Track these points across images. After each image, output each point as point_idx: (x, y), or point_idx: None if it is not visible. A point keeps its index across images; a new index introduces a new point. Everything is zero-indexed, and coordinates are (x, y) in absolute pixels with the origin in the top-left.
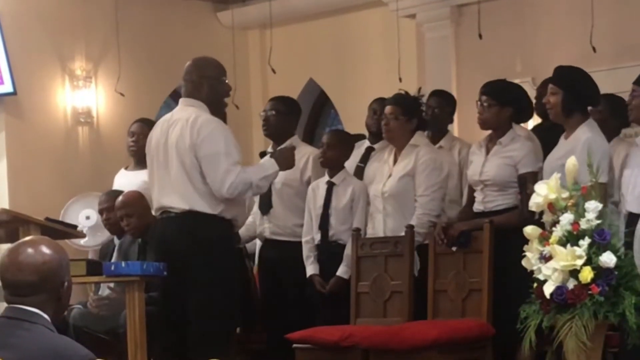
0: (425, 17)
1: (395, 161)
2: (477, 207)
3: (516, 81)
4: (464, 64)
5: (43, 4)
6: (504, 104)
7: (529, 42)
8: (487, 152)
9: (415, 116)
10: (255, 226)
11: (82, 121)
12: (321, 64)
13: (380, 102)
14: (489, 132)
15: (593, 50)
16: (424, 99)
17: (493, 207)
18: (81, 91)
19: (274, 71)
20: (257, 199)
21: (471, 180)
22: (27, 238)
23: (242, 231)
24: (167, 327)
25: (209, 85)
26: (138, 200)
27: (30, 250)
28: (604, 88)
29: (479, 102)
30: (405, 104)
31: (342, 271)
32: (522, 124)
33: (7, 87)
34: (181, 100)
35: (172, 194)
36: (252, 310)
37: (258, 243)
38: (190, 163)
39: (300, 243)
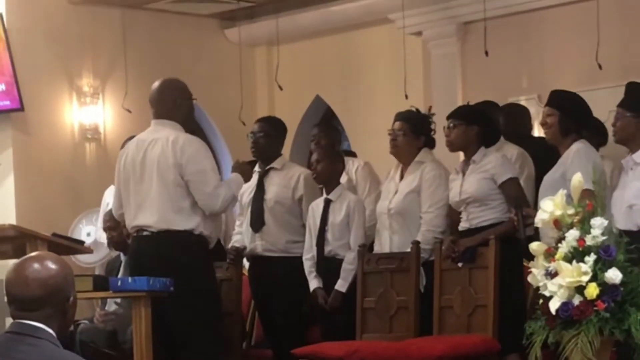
0: (431, 35)
1: (401, 178)
2: (463, 225)
3: (522, 98)
4: (470, 81)
5: (50, 20)
6: (469, 123)
7: (535, 59)
8: (464, 174)
9: (424, 134)
10: (244, 244)
11: (89, 137)
12: (328, 80)
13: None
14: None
15: (599, 67)
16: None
17: (478, 223)
18: (88, 107)
19: (281, 88)
20: (246, 217)
21: (452, 203)
22: (33, 253)
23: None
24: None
25: (187, 106)
26: None
27: (36, 265)
28: (610, 105)
29: (444, 127)
30: (415, 120)
31: (340, 285)
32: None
33: (15, 104)
34: (154, 122)
35: (149, 212)
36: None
37: (245, 262)
38: (174, 180)
39: (292, 259)
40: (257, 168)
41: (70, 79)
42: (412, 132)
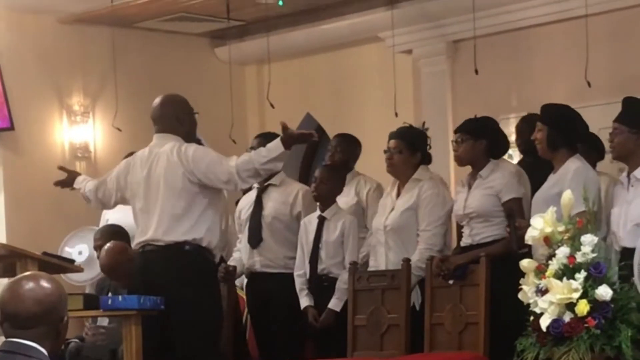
0: (421, 53)
1: (398, 195)
2: (465, 240)
3: (512, 116)
4: (460, 98)
5: (41, 39)
6: (477, 137)
7: (524, 77)
8: (470, 188)
9: (419, 150)
10: (242, 263)
11: (79, 156)
12: (318, 98)
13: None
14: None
15: (588, 85)
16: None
17: (480, 239)
18: (79, 126)
19: (272, 106)
20: (244, 234)
21: (456, 217)
22: (27, 273)
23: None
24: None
25: (190, 121)
26: (119, 260)
27: (31, 283)
28: (599, 122)
29: (453, 142)
30: (410, 137)
31: (333, 304)
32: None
33: (5, 123)
34: (156, 136)
35: (155, 226)
36: (243, 342)
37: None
38: (182, 187)
39: (290, 275)
40: (255, 184)
41: (61, 98)
42: (409, 149)
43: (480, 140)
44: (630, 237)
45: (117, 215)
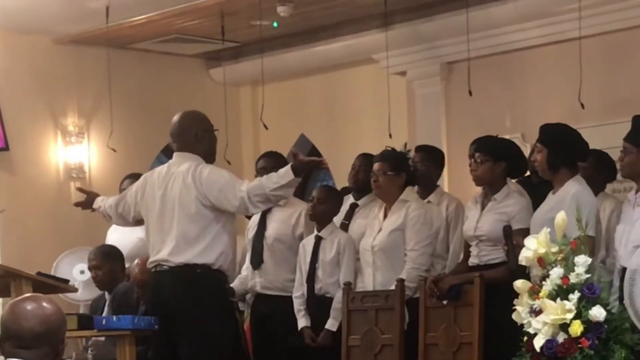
0: (415, 74)
1: (385, 216)
2: (473, 260)
3: (506, 137)
4: (454, 120)
5: (36, 59)
6: (497, 159)
7: (518, 98)
8: (482, 207)
9: (404, 170)
10: (248, 280)
11: (74, 176)
12: (312, 119)
13: (363, 157)
14: (480, 188)
15: (582, 106)
16: (411, 154)
17: (487, 260)
18: (73, 147)
19: (266, 127)
20: (248, 253)
21: (466, 236)
22: (27, 295)
23: (237, 285)
24: None
25: (209, 138)
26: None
27: (34, 304)
28: (593, 144)
29: (472, 159)
30: (393, 159)
31: (330, 324)
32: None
33: (0, 143)
34: (176, 154)
35: (168, 247)
36: None
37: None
38: (195, 211)
39: (289, 298)
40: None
41: (56, 118)
42: (392, 171)
43: (499, 162)
44: (629, 257)
45: (115, 236)
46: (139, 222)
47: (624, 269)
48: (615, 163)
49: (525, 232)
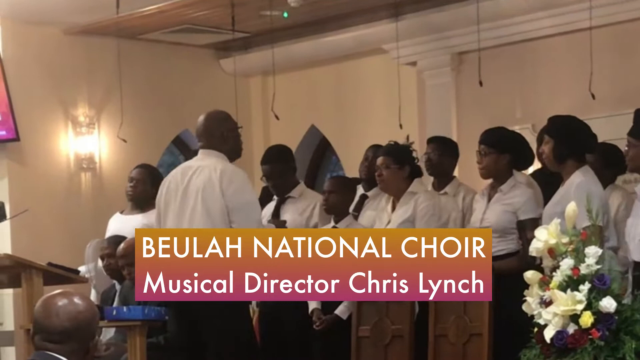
0: (426, 65)
1: (393, 208)
2: None
3: (516, 128)
4: (464, 110)
5: (46, 50)
6: (501, 151)
7: (528, 89)
8: (489, 199)
9: (407, 163)
10: None
11: (84, 167)
12: (323, 110)
13: (374, 149)
14: (488, 180)
15: (592, 97)
16: (414, 146)
17: (494, 252)
18: (84, 137)
19: (277, 117)
20: None
21: (472, 228)
22: (60, 290)
23: None
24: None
25: (234, 138)
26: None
27: (65, 300)
28: (603, 135)
29: (478, 152)
30: (396, 152)
31: (340, 310)
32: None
33: (11, 134)
34: (201, 151)
35: None
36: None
37: None
38: (219, 208)
39: None
40: (275, 196)
41: (66, 109)
42: (395, 164)
43: (504, 154)
44: (637, 250)
45: (116, 225)
46: None
47: (635, 263)
48: (624, 156)
49: (534, 222)
